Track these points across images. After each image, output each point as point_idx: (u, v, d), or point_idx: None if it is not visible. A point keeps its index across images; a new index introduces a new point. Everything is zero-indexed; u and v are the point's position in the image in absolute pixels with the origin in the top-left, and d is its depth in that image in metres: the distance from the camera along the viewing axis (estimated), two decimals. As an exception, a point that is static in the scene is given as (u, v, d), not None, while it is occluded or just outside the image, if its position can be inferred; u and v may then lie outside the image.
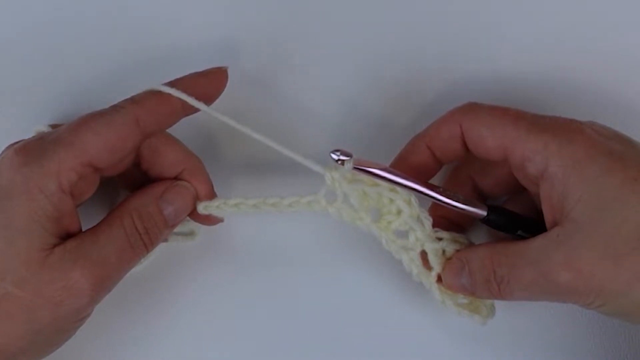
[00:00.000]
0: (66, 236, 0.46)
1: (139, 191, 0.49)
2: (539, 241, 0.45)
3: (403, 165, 0.49)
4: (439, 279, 0.49)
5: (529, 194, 0.49)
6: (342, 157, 0.45)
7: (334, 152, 0.45)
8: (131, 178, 0.52)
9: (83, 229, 0.48)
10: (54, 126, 0.51)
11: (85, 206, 0.49)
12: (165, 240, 0.51)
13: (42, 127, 0.51)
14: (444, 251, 0.49)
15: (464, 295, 0.49)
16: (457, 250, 0.49)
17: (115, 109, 0.47)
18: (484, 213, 0.48)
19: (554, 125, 0.45)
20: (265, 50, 0.56)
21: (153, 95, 0.48)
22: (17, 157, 0.45)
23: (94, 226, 0.47)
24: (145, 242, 0.48)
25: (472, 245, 0.50)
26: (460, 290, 0.49)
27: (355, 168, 0.46)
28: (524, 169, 0.46)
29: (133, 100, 0.48)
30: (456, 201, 0.47)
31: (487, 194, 0.52)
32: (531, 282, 0.44)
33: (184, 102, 0.47)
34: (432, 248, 0.48)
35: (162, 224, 0.48)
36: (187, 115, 0.49)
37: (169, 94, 0.47)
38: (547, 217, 0.46)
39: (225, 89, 0.50)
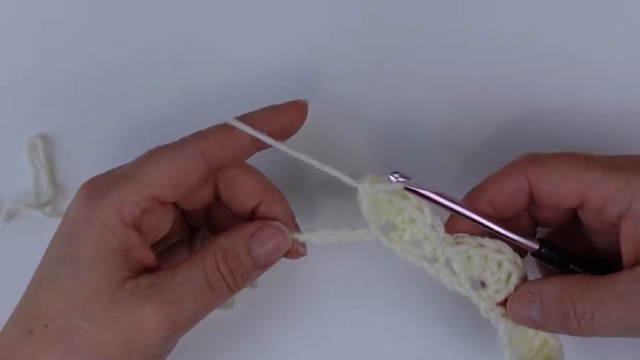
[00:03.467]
0: (141, 270, 0.46)
1: (228, 230, 0.48)
2: (626, 276, 0.44)
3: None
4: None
5: (582, 228, 0.49)
6: (400, 179, 0.45)
7: (392, 173, 0.45)
8: (220, 218, 0.52)
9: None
10: (43, 136, 0.56)
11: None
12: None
13: (36, 139, 0.56)
14: (469, 257, 0.48)
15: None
16: (524, 283, 0.48)
17: (182, 142, 0.47)
18: (536, 246, 0.48)
19: (630, 163, 0.45)
20: (347, 77, 0.57)
21: (222, 129, 0.47)
22: (83, 192, 0.46)
23: (176, 264, 0.47)
24: (229, 283, 0.46)
25: (541, 278, 0.49)
26: (528, 324, 0.47)
27: (407, 189, 0.46)
28: (603, 210, 0.45)
29: (201, 135, 0.47)
30: (511, 232, 0.47)
31: (540, 224, 0.51)
32: (619, 318, 0.44)
33: (254, 138, 0.47)
34: (453, 252, 0.47)
35: (251, 266, 0.47)
36: (260, 150, 0.48)
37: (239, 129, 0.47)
38: (628, 253, 0.45)
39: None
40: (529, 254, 0.49)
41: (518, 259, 0.48)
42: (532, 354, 0.49)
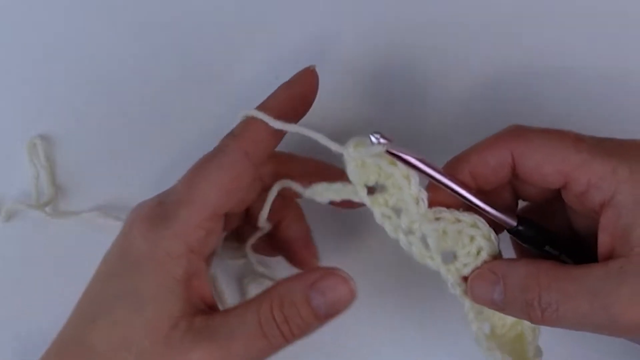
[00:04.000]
0: (199, 302, 0.45)
1: (291, 276, 0.45)
2: (598, 270, 0.42)
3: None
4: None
5: (564, 207, 0.47)
6: (381, 141, 0.43)
7: (373, 133, 0.43)
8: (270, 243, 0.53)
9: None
10: (43, 136, 0.57)
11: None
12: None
13: (36, 139, 0.56)
14: (444, 231, 0.46)
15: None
16: (486, 262, 0.46)
17: (222, 149, 0.46)
18: (514, 223, 0.46)
19: (621, 149, 0.43)
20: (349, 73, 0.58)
21: (251, 124, 0.47)
22: (143, 225, 0.45)
23: (232, 307, 0.45)
24: (283, 332, 0.43)
25: (507, 260, 0.47)
26: (487, 305, 0.45)
27: (388, 152, 0.43)
28: (586, 195, 0.43)
29: (235, 135, 0.47)
30: (489, 206, 0.45)
31: (522, 198, 0.49)
32: (587, 313, 0.41)
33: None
34: (430, 229, 0.45)
35: (308, 315, 0.44)
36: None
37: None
38: (605, 244, 0.43)
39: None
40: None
41: (493, 234, 0.46)
42: (505, 329, 0.48)
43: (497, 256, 0.46)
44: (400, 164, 0.44)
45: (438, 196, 0.45)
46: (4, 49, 0.59)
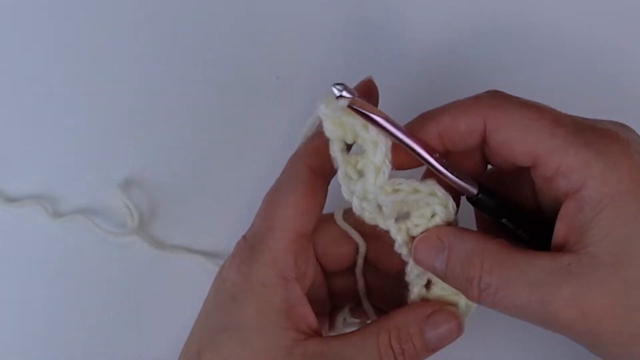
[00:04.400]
0: (307, 329, 0.45)
1: (403, 308, 0.47)
2: (544, 263, 0.41)
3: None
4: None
5: (530, 180, 0.46)
6: (344, 94, 0.42)
7: (336, 85, 0.42)
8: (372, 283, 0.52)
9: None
10: (130, 182, 0.60)
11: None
12: None
13: (117, 189, 0.59)
14: (401, 200, 0.45)
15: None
16: (437, 226, 0.46)
17: (287, 171, 0.47)
18: (474, 192, 0.45)
19: (599, 140, 0.42)
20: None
21: (312, 139, 0.47)
22: (234, 262, 0.46)
23: (346, 334, 0.46)
24: None
25: (457, 229, 0.46)
26: (429, 270, 0.46)
27: (350, 107, 0.42)
28: (552, 181, 0.43)
29: (297, 155, 0.48)
30: (450, 172, 0.44)
31: (491, 164, 0.48)
32: (524, 304, 0.41)
33: None
34: (387, 201, 0.44)
35: (422, 348, 0.45)
36: None
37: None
38: (560, 233, 0.43)
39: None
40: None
41: (450, 202, 0.45)
42: (445, 292, 0.47)
43: (451, 223, 0.46)
44: (371, 129, 0.43)
45: (400, 155, 0.44)
46: (86, 95, 0.64)
